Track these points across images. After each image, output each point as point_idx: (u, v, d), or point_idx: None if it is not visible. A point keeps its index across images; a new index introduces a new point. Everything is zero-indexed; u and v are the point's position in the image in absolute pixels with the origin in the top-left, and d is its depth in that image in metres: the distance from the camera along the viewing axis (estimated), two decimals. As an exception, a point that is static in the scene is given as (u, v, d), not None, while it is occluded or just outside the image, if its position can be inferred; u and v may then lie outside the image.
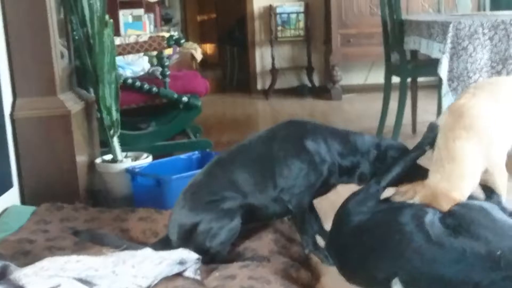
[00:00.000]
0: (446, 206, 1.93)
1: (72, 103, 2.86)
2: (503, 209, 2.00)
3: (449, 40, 3.21)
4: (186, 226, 2.16)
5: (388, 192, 2.10)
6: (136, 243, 2.29)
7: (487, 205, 1.93)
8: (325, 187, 2.26)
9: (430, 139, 2.15)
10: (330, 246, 2.14)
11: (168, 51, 4.21)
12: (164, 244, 2.19)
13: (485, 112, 2.10)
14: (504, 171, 2.12)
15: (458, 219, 1.85)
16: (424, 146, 2.16)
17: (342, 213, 2.07)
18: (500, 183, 2.10)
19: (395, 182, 2.12)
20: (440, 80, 3.34)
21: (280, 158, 2.20)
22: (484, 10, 4.81)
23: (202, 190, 2.21)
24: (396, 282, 1.78)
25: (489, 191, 2.09)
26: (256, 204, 2.20)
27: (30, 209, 2.65)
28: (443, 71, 3.23)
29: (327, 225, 2.20)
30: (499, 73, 3.19)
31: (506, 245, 1.77)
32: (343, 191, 2.23)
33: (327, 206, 2.39)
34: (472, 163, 2.02)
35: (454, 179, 2.00)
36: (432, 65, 3.49)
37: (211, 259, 2.11)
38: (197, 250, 2.07)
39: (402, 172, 2.13)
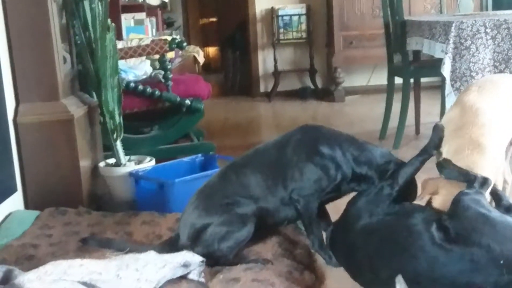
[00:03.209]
0: None
1: (75, 108, 2.86)
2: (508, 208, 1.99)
3: (451, 40, 3.21)
4: (197, 226, 2.16)
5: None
6: (139, 246, 2.28)
7: (489, 211, 1.92)
8: (336, 193, 2.25)
9: (436, 141, 2.15)
10: (336, 242, 2.13)
11: (170, 55, 4.21)
12: (171, 244, 2.19)
13: (494, 110, 2.14)
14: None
15: (458, 228, 1.84)
16: (431, 149, 2.16)
17: (353, 211, 2.07)
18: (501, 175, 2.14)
19: (406, 186, 2.12)
20: (443, 80, 3.33)
21: (293, 162, 2.20)
22: (487, 10, 4.80)
23: (217, 192, 2.22)
24: (399, 280, 1.78)
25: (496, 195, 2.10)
26: (267, 207, 2.20)
27: (33, 213, 2.65)
28: (446, 71, 3.23)
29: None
30: (502, 72, 3.18)
31: (508, 250, 1.77)
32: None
33: (330, 208, 2.38)
34: (493, 156, 2.04)
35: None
36: (434, 65, 3.49)
37: (215, 261, 2.11)
38: (204, 251, 2.08)
39: (412, 175, 2.14)
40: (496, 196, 2.07)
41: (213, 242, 2.13)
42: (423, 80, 4.51)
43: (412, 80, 4.23)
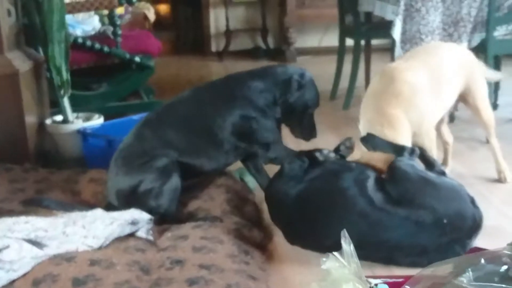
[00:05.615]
0: (384, 167, 1.98)
1: (20, 62, 2.78)
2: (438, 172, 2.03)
3: (402, 2, 3.22)
4: (124, 191, 2.15)
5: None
6: (87, 206, 2.25)
7: (426, 173, 1.96)
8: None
9: (346, 152, 2.19)
10: (275, 220, 2.13)
11: (120, 10, 4.12)
12: (110, 209, 2.16)
13: (413, 79, 2.17)
14: (431, 133, 2.21)
15: (401, 192, 1.86)
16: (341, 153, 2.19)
17: (276, 194, 2.05)
18: (429, 144, 2.16)
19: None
20: (394, 42, 3.36)
21: (215, 116, 2.22)
22: (438, -27, 4.82)
23: (134, 152, 2.20)
24: (344, 234, 1.78)
25: (426, 158, 2.14)
26: (191, 162, 2.21)
27: (-23, 170, 2.59)
28: (396, 33, 3.25)
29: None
30: (451, 35, 3.22)
31: (451, 210, 1.82)
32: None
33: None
34: (403, 129, 2.07)
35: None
36: (386, 27, 3.50)
37: (162, 219, 2.10)
38: (143, 210, 2.06)
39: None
40: (429, 163, 2.10)
41: (149, 201, 2.12)
42: (374, 42, 4.53)
43: (363, 42, 4.25)
